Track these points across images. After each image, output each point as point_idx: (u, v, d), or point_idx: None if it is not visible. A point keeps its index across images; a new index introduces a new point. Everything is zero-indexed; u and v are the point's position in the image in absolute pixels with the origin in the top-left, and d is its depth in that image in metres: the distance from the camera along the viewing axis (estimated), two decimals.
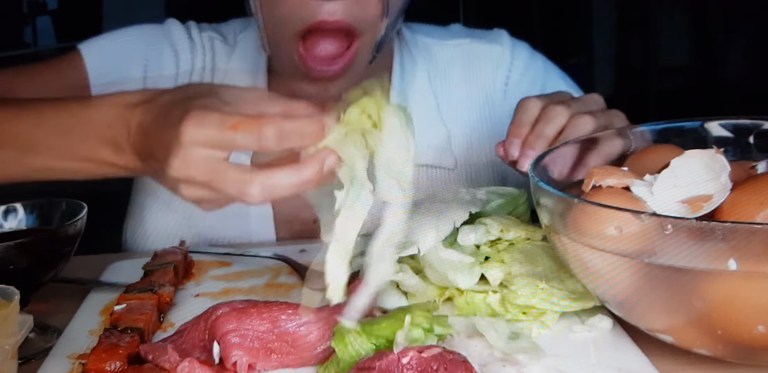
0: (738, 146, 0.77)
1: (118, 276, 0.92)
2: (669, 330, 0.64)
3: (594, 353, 0.68)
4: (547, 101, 0.85)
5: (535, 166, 0.72)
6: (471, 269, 0.76)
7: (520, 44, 1.16)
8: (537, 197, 0.68)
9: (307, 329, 0.69)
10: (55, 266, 0.81)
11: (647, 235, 0.58)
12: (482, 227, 0.81)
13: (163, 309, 0.81)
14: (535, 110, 0.84)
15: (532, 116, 0.84)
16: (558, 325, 0.72)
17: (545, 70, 1.16)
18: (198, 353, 0.69)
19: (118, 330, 0.72)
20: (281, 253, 0.95)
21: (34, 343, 0.77)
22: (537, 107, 0.84)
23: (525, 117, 0.84)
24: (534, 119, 0.84)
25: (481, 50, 1.14)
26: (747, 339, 0.59)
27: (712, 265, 0.56)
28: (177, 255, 0.91)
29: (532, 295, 0.73)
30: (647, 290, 0.61)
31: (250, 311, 0.70)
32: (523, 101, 0.85)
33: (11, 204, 0.87)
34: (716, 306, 0.58)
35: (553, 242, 0.69)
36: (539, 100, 0.85)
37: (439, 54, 1.14)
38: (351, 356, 0.65)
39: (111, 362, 0.66)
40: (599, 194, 0.66)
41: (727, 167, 0.65)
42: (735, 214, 0.62)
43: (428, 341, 0.66)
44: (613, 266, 0.62)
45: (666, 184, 0.66)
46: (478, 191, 0.91)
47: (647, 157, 0.74)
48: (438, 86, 1.12)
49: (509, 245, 0.80)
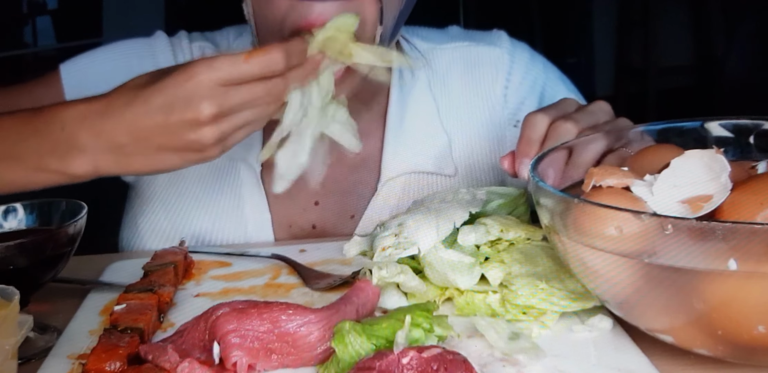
0: (738, 146, 0.77)
1: (118, 276, 0.92)
2: (669, 330, 0.64)
3: (594, 353, 0.68)
4: (554, 115, 0.84)
5: (535, 166, 0.72)
6: (471, 269, 0.76)
7: (519, 46, 1.16)
8: (537, 197, 0.68)
9: (308, 329, 0.69)
10: (55, 266, 0.81)
11: (647, 235, 0.58)
12: (482, 227, 0.81)
13: (163, 309, 0.81)
14: (542, 127, 0.83)
15: (540, 133, 0.82)
16: (558, 325, 0.72)
17: (545, 73, 1.15)
18: (198, 354, 0.69)
19: (118, 330, 0.72)
20: (281, 253, 0.95)
21: (34, 343, 0.77)
22: (544, 123, 0.83)
23: (533, 134, 0.82)
24: (542, 136, 0.82)
25: (480, 53, 1.13)
26: (747, 339, 0.59)
27: (712, 265, 0.56)
28: (177, 255, 0.91)
29: (532, 295, 0.73)
30: (647, 290, 0.61)
31: (251, 312, 0.70)
32: (530, 117, 0.84)
33: (11, 204, 0.87)
34: (716, 306, 0.58)
35: (553, 242, 0.69)
36: (546, 116, 0.83)
37: (438, 58, 1.13)
38: (351, 356, 0.65)
39: (111, 362, 0.66)
40: (599, 194, 0.66)
41: (727, 167, 0.65)
42: (735, 214, 0.62)
43: (428, 341, 0.66)
44: (613, 266, 0.62)
45: (666, 184, 0.66)
46: (478, 190, 0.91)
47: (647, 157, 0.74)
48: (438, 91, 1.12)
49: (509, 245, 0.80)
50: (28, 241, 0.77)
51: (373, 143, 1.09)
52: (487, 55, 1.13)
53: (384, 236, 0.85)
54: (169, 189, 1.11)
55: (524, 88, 1.12)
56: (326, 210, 1.10)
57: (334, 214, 1.10)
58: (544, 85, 1.13)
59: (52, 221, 0.86)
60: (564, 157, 0.78)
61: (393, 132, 1.08)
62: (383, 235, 0.86)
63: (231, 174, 1.09)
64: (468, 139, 1.11)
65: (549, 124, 0.83)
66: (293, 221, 1.09)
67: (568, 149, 0.78)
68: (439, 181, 1.09)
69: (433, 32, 1.17)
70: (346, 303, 0.72)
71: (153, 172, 0.78)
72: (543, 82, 1.14)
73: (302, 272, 0.89)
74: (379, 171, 1.08)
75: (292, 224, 1.10)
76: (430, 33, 1.17)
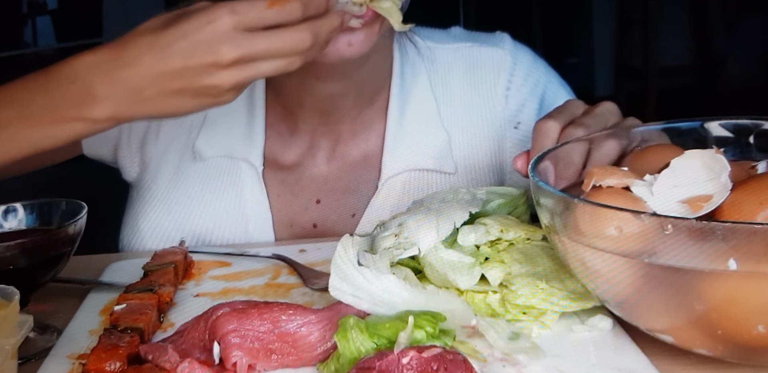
0: (738, 146, 0.77)
1: (118, 276, 0.92)
2: (669, 330, 0.64)
3: (594, 353, 0.68)
4: (564, 121, 0.83)
5: (535, 166, 0.72)
6: (471, 269, 0.76)
7: (522, 48, 1.16)
8: (537, 197, 0.68)
9: (308, 329, 0.69)
10: (55, 266, 0.81)
11: (647, 235, 0.58)
12: (482, 227, 0.81)
13: (163, 309, 0.81)
14: (554, 134, 0.82)
15: (552, 141, 0.82)
16: (558, 325, 0.72)
17: (547, 76, 1.15)
18: (198, 354, 0.69)
19: (118, 330, 0.72)
20: (281, 253, 0.95)
21: (34, 343, 0.77)
22: (556, 131, 0.82)
23: (546, 142, 0.82)
24: (554, 144, 0.81)
25: (482, 54, 1.13)
26: (747, 339, 0.59)
27: (712, 265, 0.56)
28: (177, 255, 0.91)
29: (532, 295, 0.73)
30: (647, 290, 0.61)
31: (251, 312, 0.70)
32: (541, 125, 0.83)
33: (11, 204, 0.87)
34: (716, 306, 0.58)
35: (553, 242, 0.69)
36: (557, 122, 0.83)
37: (440, 58, 1.13)
38: (351, 352, 0.65)
39: (111, 362, 0.66)
40: (599, 194, 0.66)
41: (727, 167, 0.65)
42: (735, 214, 0.62)
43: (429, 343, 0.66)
44: (613, 266, 0.62)
45: (666, 184, 0.66)
46: (478, 190, 0.90)
47: (647, 157, 0.74)
48: (439, 90, 1.12)
49: (509, 245, 0.80)
50: (28, 241, 0.77)
51: (374, 140, 1.10)
52: (490, 56, 1.13)
53: (384, 236, 0.85)
54: (169, 189, 1.11)
55: (526, 89, 1.12)
56: (327, 209, 1.10)
57: (335, 212, 1.10)
58: (545, 88, 1.13)
59: (52, 221, 0.86)
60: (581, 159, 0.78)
61: (393, 129, 1.08)
62: (383, 235, 0.86)
63: (232, 173, 1.09)
64: (468, 139, 1.11)
65: (560, 132, 0.82)
66: (294, 220, 1.10)
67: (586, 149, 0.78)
68: (439, 179, 1.09)
69: (435, 32, 1.17)
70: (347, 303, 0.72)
71: (168, 116, 0.78)
72: (544, 85, 1.14)
73: (302, 272, 0.89)
74: (379, 169, 1.09)
75: (293, 223, 1.10)
76: (433, 33, 1.17)
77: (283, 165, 1.10)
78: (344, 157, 1.10)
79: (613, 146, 0.79)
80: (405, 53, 1.12)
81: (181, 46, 0.72)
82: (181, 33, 0.72)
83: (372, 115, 1.10)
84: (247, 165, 1.09)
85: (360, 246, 0.93)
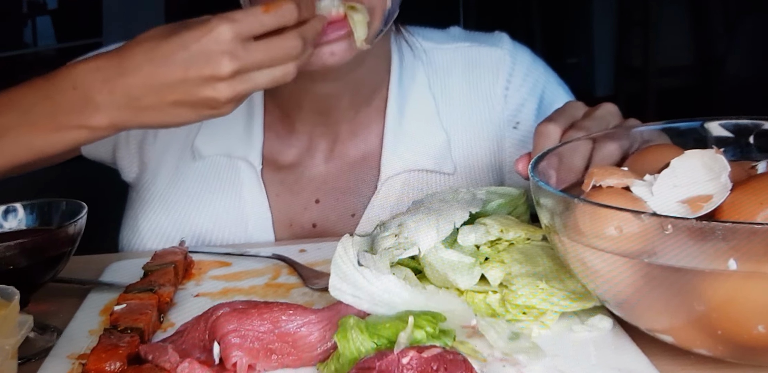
0: (738, 146, 0.77)
1: (118, 276, 0.92)
2: (669, 330, 0.64)
3: (594, 353, 0.68)
4: (565, 124, 0.83)
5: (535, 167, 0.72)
6: (471, 269, 0.76)
7: (521, 48, 1.16)
8: (537, 197, 0.68)
9: (308, 329, 0.69)
10: (55, 266, 0.81)
11: (647, 235, 0.58)
12: (482, 227, 0.81)
13: (163, 309, 0.81)
14: (555, 137, 0.82)
15: (553, 144, 0.81)
16: (558, 325, 0.72)
17: (546, 76, 1.15)
18: (198, 354, 0.69)
19: (118, 330, 0.72)
20: (281, 253, 0.95)
21: (34, 343, 0.77)
22: (557, 134, 0.82)
23: (547, 145, 0.81)
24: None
25: (481, 54, 1.13)
26: (747, 339, 0.59)
27: (712, 265, 0.56)
28: (177, 255, 0.91)
29: (532, 295, 0.73)
30: (647, 290, 0.61)
31: (251, 312, 0.70)
32: (541, 128, 0.83)
33: (11, 204, 0.87)
34: (716, 306, 0.58)
35: (553, 242, 0.69)
36: (558, 126, 0.82)
37: (439, 58, 1.13)
38: (351, 352, 0.65)
39: (111, 362, 0.66)
40: (599, 194, 0.66)
41: (727, 167, 0.65)
42: (735, 214, 0.62)
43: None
44: (613, 266, 0.62)
45: (666, 184, 0.66)
46: (477, 191, 0.90)
47: (647, 157, 0.74)
48: (437, 90, 1.12)
49: (509, 245, 0.80)
50: (28, 241, 0.77)
51: (373, 140, 1.10)
52: (489, 56, 1.13)
53: (384, 237, 0.85)
54: (169, 189, 1.11)
55: (525, 89, 1.12)
56: (327, 208, 1.10)
57: (334, 212, 1.10)
58: (544, 89, 1.13)
59: (52, 221, 0.86)
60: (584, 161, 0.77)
61: (392, 129, 1.08)
62: (383, 235, 0.86)
63: (231, 173, 1.09)
64: (467, 139, 1.11)
65: (561, 135, 0.82)
66: (294, 220, 1.10)
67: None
68: (438, 180, 1.09)
69: (434, 32, 1.17)
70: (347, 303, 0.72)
71: (168, 125, 0.79)
72: (543, 85, 1.14)
73: (302, 272, 0.89)
74: (379, 169, 1.09)
75: (293, 223, 1.10)
76: (432, 33, 1.17)
77: (281, 165, 1.10)
78: (343, 157, 1.10)
79: (614, 148, 0.78)
80: (402, 53, 1.12)
81: (181, 56, 0.73)
82: (181, 43, 0.73)
83: (370, 116, 1.10)
84: (246, 164, 1.09)
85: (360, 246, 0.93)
